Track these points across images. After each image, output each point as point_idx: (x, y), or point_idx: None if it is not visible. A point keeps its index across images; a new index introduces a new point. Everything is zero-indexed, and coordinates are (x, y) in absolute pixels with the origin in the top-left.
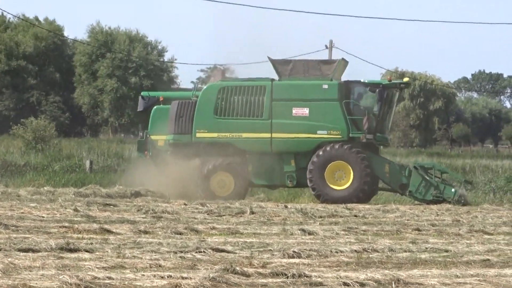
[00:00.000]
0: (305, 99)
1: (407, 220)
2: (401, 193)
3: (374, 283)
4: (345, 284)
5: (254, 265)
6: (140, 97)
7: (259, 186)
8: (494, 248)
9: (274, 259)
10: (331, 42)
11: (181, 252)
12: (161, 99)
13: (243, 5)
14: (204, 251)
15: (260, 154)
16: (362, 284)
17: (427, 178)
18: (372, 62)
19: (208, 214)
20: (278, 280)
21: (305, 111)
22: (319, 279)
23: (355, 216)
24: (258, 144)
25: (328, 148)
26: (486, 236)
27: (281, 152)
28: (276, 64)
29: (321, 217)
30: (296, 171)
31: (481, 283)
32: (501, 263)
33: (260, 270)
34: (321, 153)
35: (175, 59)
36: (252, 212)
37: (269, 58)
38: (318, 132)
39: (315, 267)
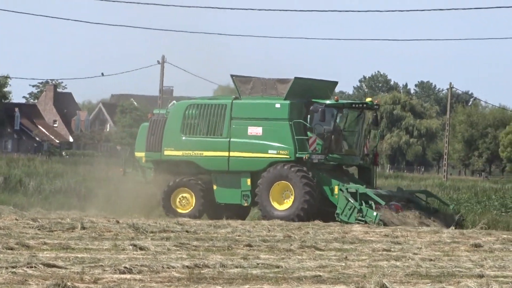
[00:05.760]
0: (259, 118)
1: (239, 236)
2: None
3: None
4: None
5: (86, 280)
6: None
7: (223, 204)
8: (326, 264)
9: (106, 274)
10: (163, 57)
11: (12, 267)
12: (149, 116)
13: (78, 21)
14: (35, 267)
15: (222, 173)
16: None
17: (351, 201)
18: (206, 78)
19: (39, 229)
20: None
21: (259, 130)
22: None
23: (187, 231)
24: (217, 162)
25: (272, 169)
26: (318, 252)
27: (238, 171)
28: (237, 82)
29: (152, 232)
30: (252, 190)
31: None
32: (332, 279)
33: (92, 285)
34: (266, 173)
35: (7, 74)
36: (83, 227)
37: (231, 76)
38: (269, 151)
39: (146, 282)
